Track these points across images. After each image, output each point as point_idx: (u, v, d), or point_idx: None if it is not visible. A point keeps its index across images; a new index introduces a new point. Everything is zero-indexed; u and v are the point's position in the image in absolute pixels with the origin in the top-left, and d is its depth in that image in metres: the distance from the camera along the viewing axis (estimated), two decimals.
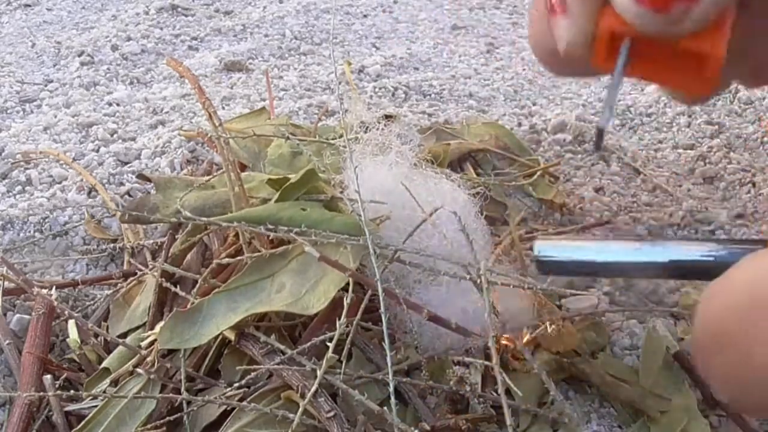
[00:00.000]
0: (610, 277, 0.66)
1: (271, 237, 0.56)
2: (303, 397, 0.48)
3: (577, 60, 0.45)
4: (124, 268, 0.68)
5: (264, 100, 0.97)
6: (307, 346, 0.51)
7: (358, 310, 0.51)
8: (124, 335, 0.59)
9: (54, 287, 0.62)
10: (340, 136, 0.62)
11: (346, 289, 0.51)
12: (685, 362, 0.57)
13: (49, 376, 0.55)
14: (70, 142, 0.88)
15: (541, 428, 0.52)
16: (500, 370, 0.46)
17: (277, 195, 0.58)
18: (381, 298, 0.50)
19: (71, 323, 0.59)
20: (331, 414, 0.47)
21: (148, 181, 0.75)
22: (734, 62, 0.43)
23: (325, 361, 0.49)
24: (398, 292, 0.52)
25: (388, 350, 0.48)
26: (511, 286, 0.53)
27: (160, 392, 0.53)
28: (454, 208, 0.55)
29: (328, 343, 0.49)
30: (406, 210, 0.56)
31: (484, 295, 0.50)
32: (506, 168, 0.80)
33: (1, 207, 0.76)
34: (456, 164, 0.78)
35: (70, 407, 0.54)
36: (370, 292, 0.52)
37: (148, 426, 0.51)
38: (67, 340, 0.59)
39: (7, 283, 0.63)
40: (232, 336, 0.53)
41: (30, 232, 0.74)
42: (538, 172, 0.78)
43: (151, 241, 0.68)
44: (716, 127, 0.92)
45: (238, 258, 0.57)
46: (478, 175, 0.76)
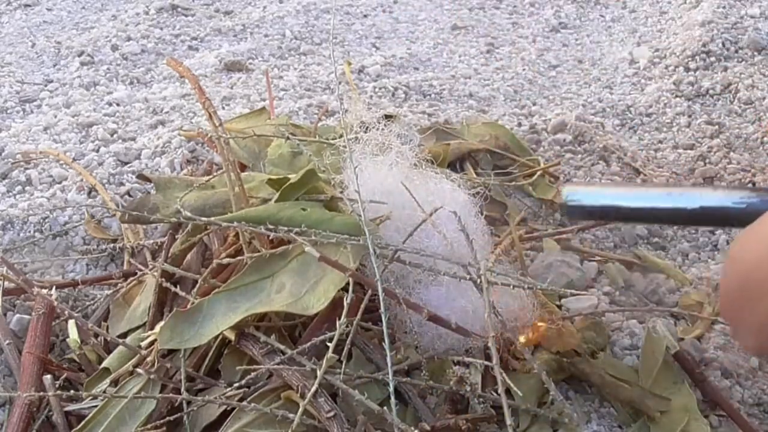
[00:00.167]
0: (639, 223, 0.63)
1: (271, 237, 0.56)
2: (303, 397, 0.48)
3: None
4: (124, 268, 0.68)
5: (264, 100, 0.97)
6: (307, 346, 0.51)
7: (358, 310, 0.51)
8: (124, 335, 0.59)
9: (54, 287, 0.62)
10: (340, 136, 0.62)
11: (346, 289, 0.51)
12: (685, 362, 0.57)
13: (49, 376, 0.55)
14: (70, 142, 0.88)
15: (541, 428, 0.52)
16: (500, 370, 0.46)
17: (277, 195, 0.58)
18: (381, 298, 0.50)
19: (71, 323, 0.59)
20: (331, 414, 0.47)
21: (148, 181, 0.75)
22: None
23: (325, 361, 0.49)
24: (398, 292, 0.52)
25: (388, 350, 0.48)
26: (511, 287, 0.53)
27: (160, 392, 0.53)
28: (454, 208, 0.55)
29: (328, 343, 0.50)
30: (406, 210, 0.56)
31: (484, 295, 0.50)
32: (506, 168, 0.80)
33: (1, 207, 0.76)
34: (456, 164, 0.78)
35: (70, 407, 0.54)
36: (370, 292, 0.52)
37: (148, 426, 0.51)
38: (67, 340, 0.59)
39: (7, 283, 0.63)
40: (232, 336, 0.53)
41: (30, 232, 0.74)
42: (538, 172, 0.79)
43: (151, 241, 0.68)
44: (716, 127, 0.92)
45: (238, 258, 0.57)
46: (478, 175, 0.76)
